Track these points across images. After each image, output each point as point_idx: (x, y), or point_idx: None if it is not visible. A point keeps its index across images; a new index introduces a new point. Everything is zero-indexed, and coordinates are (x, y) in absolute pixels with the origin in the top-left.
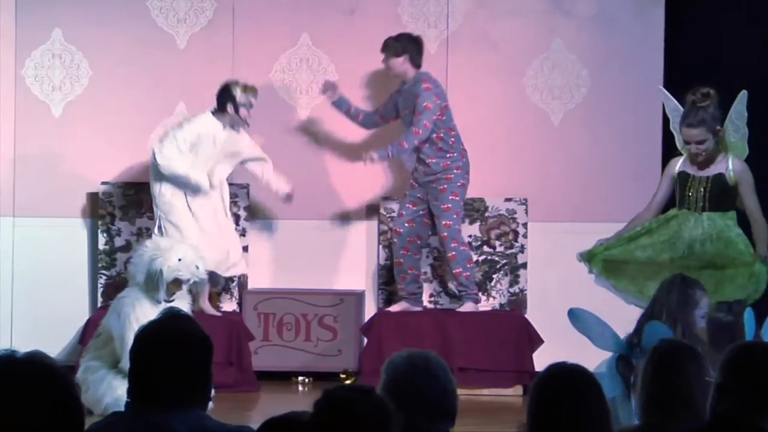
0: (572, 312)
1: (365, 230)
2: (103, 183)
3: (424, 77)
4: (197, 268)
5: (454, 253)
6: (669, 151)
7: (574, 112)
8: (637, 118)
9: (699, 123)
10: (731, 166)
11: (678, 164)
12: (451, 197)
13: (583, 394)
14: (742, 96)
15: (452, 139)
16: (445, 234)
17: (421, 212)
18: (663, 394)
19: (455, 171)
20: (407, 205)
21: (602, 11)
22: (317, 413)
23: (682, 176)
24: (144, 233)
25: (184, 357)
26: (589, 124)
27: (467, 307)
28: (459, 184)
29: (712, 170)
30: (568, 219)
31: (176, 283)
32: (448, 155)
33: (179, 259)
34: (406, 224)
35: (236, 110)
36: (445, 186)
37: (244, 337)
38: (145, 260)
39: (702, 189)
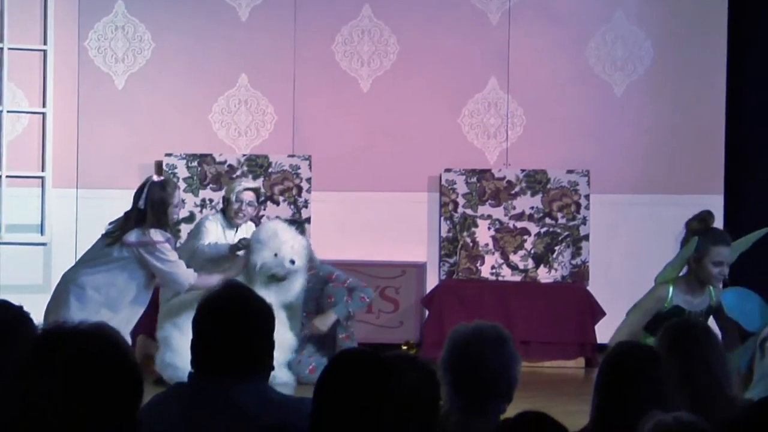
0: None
1: (427, 202)
2: (167, 155)
3: None
4: (292, 263)
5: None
6: (732, 124)
7: (636, 84)
8: (700, 88)
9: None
10: (714, 295)
11: (669, 293)
12: None
13: (649, 373)
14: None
15: None
16: None
17: None
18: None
19: None
20: None
21: None
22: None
23: (676, 311)
24: (207, 204)
25: (246, 327)
26: (652, 96)
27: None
28: None
29: (703, 302)
30: (630, 191)
31: (272, 278)
32: None
33: (275, 255)
34: None
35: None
36: None
37: None
38: (252, 248)
39: None
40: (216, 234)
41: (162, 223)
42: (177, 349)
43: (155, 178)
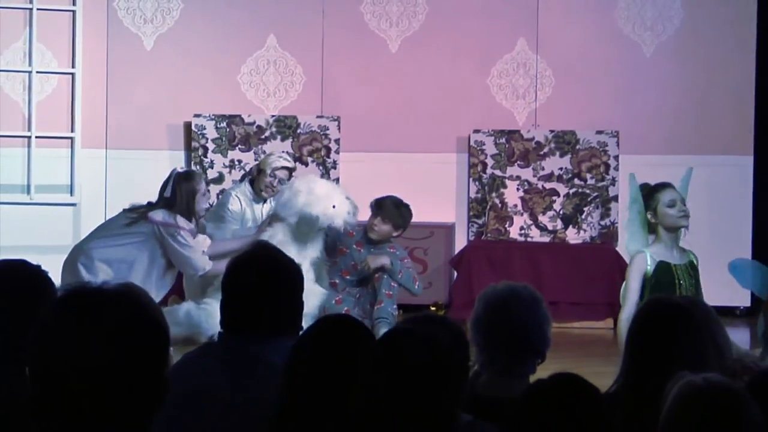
0: (734, 265)
1: (455, 163)
2: (195, 115)
3: None
4: (349, 214)
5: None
6: (762, 84)
7: (666, 44)
8: (730, 49)
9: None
10: (693, 256)
11: (647, 258)
12: None
13: (681, 327)
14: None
15: None
16: None
17: None
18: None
19: None
20: None
21: None
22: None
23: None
24: (236, 165)
25: (275, 286)
26: (682, 56)
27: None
28: None
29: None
30: (659, 151)
31: (314, 230)
32: None
33: (333, 206)
34: None
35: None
36: None
37: None
38: (298, 204)
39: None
40: (239, 215)
41: (190, 213)
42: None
43: (179, 169)
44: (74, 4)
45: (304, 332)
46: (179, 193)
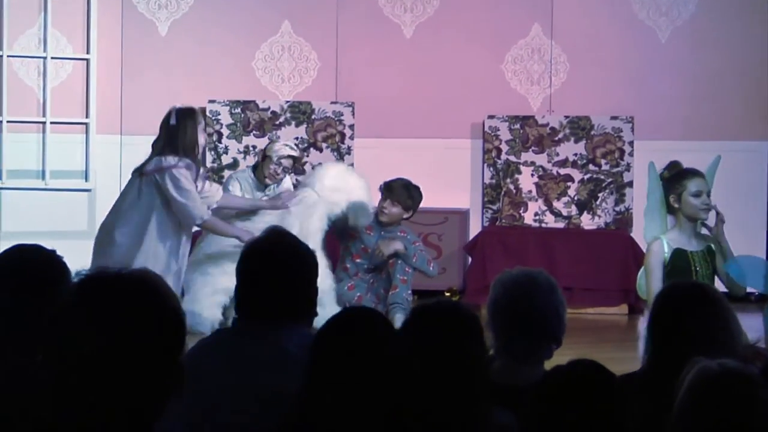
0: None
1: (470, 148)
2: (210, 101)
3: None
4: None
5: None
6: None
7: (681, 29)
8: (746, 34)
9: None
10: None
11: (663, 245)
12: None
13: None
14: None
15: None
16: None
17: None
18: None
19: None
20: None
21: None
22: (408, 329)
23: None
24: (250, 151)
25: (290, 272)
26: (697, 41)
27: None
28: None
29: (699, 243)
30: (674, 137)
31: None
32: None
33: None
34: None
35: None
36: None
37: None
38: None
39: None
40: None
41: (193, 145)
42: (196, 295)
43: (178, 105)
44: None
45: (327, 325)
46: (182, 126)
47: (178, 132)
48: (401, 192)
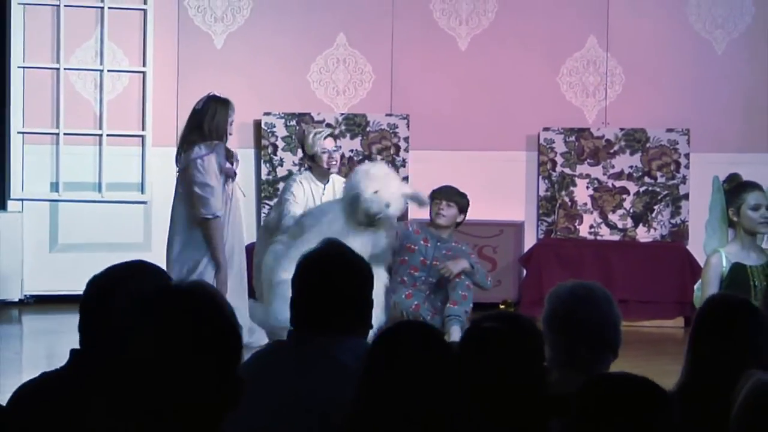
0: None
1: (525, 161)
2: (265, 113)
3: None
4: (387, 206)
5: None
6: None
7: (737, 41)
8: None
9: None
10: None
11: (722, 258)
12: None
13: (746, 324)
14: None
15: None
16: None
17: None
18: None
19: None
20: None
21: None
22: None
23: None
24: (306, 163)
25: (346, 284)
26: (753, 53)
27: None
28: None
29: (760, 257)
30: (730, 150)
31: (364, 217)
32: None
33: (375, 192)
34: None
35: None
36: None
37: None
38: (353, 182)
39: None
40: (303, 197)
41: (220, 132)
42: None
43: (215, 93)
44: (145, 2)
45: (379, 338)
46: (210, 109)
47: (205, 115)
48: (453, 192)
